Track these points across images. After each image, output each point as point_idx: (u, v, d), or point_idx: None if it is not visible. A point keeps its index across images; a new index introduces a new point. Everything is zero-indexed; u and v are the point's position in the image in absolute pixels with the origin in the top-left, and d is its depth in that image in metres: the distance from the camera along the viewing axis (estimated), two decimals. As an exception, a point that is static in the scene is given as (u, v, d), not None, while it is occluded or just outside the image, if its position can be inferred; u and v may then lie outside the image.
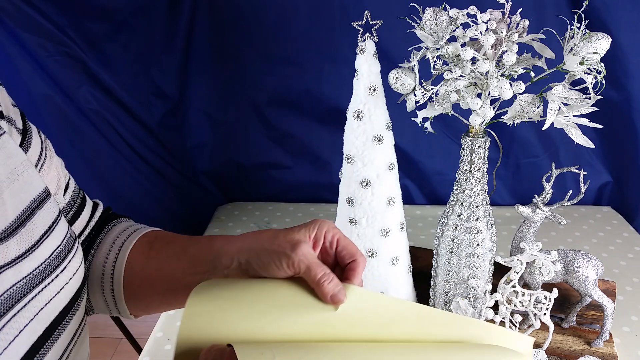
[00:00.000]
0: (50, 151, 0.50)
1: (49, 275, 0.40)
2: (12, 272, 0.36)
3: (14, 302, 0.36)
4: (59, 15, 1.07)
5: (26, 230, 0.38)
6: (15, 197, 0.38)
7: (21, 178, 0.39)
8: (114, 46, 1.13)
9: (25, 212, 0.39)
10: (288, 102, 1.23)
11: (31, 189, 0.40)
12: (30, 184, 0.40)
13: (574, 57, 0.62)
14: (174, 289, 0.50)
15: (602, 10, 0.99)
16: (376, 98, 0.74)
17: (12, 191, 0.38)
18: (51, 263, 0.40)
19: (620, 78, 1.07)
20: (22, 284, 0.37)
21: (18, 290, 0.37)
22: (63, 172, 0.53)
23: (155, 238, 0.55)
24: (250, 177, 1.37)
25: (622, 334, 0.86)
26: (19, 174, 0.39)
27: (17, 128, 0.44)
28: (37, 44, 1.08)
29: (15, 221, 0.38)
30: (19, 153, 0.41)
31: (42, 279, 0.39)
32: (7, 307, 0.36)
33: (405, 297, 0.87)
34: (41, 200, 0.41)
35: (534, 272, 0.82)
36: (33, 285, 0.38)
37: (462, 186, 0.76)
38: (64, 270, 0.42)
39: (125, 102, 1.19)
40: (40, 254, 0.39)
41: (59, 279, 0.41)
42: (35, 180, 0.41)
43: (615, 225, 1.21)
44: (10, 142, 0.40)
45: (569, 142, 0.69)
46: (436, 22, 0.66)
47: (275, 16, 1.11)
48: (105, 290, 0.53)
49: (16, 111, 0.46)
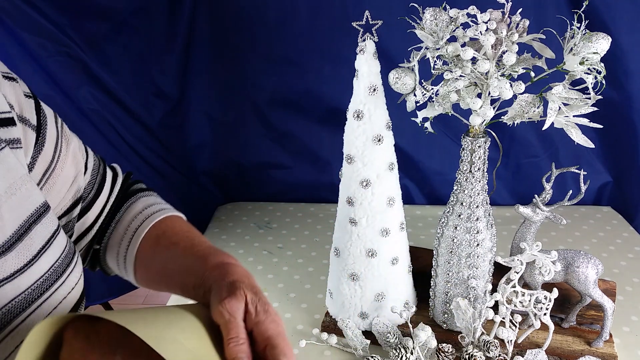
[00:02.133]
0: (66, 138, 0.50)
1: (47, 289, 0.40)
2: (10, 286, 0.36)
3: (13, 317, 0.36)
4: (59, 15, 1.07)
5: (24, 245, 0.38)
6: (13, 212, 0.38)
7: (19, 192, 0.39)
8: (114, 46, 1.13)
9: (23, 227, 0.39)
10: (288, 102, 1.23)
11: (29, 203, 0.40)
12: (28, 198, 0.40)
13: (574, 57, 0.62)
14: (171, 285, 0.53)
15: (602, 10, 0.99)
16: (376, 98, 0.74)
17: (10, 205, 0.38)
18: (50, 277, 0.40)
19: (620, 78, 1.07)
20: (21, 298, 0.37)
21: (17, 305, 0.37)
22: (80, 150, 0.54)
23: (164, 233, 0.57)
24: (250, 177, 1.37)
25: (622, 334, 0.86)
26: (17, 188, 0.39)
27: (31, 125, 0.44)
28: (37, 44, 1.08)
29: (13, 236, 0.37)
30: (18, 167, 0.41)
31: (40, 293, 0.39)
32: (6, 322, 0.36)
33: (405, 297, 0.88)
34: (39, 214, 0.41)
35: (534, 272, 0.82)
36: (32, 300, 0.38)
37: (462, 186, 0.76)
38: (62, 284, 0.41)
39: (125, 102, 1.19)
40: (38, 268, 0.39)
41: (58, 292, 0.41)
42: (33, 194, 0.41)
43: (615, 225, 1.21)
44: (10, 157, 0.40)
45: (569, 142, 0.69)
46: (436, 22, 0.66)
47: (276, 16, 1.11)
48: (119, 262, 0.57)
49: (30, 103, 0.46)
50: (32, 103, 0.46)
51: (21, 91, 0.46)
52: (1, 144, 0.39)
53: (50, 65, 1.11)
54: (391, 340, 0.81)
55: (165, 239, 0.56)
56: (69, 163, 0.51)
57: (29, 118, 0.44)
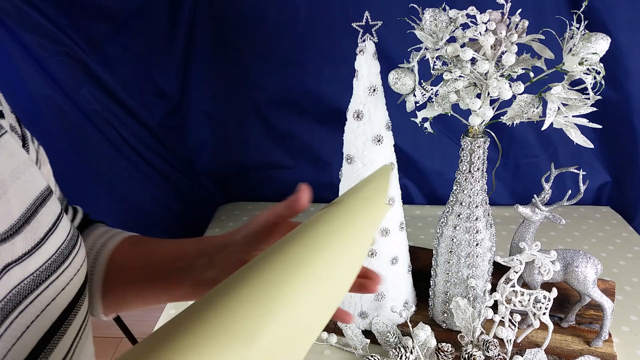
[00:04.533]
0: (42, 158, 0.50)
1: (55, 271, 0.40)
2: (19, 268, 0.37)
3: (22, 298, 0.37)
4: (59, 16, 1.07)
5: (31, 228, 0.39)
6: (19, 195, 0.39)
7: (23, 176, 0.40)
8: (114, 46, 1.13)
9: (29, 210, 0.39)
10: (288, 102, 1.23)
11: (34, 187, 0.41)
12: (32, 182, 0.41)
13: (573, 57, 0.63)
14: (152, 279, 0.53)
15: (602, 10, 1.00)
16: (376, 98, 0.74)
17: (16, 189, 0.38)
18: (57, 259, 0.41)
19: (620, 78, 1.07)
20: (30, 280, 0.38)
21: (25, 286, 0.37)
22: (50, 178, 0.53)
23: (141, 239, 0.58)
24: (250, 177, 1.37)
25: (621, 334, 0.86)
26: (21, 172, 0.40)
27: (17, 133, 0.45)
28: (38, 45, 1.08)
29: (21, 219, 0.38)
30: (21, 152, 0.41)
31: (48, 275, 0.40)
32: (15, 304, 0.36)
33: (405, 296, 0.88)
34: (44, 198, 0.42)
35: (533, 272, 0.82)
36: (40, 282, 0.39)
37: (462, 186, 0.76)
38: (68, 266, 0.42)
39: (125, 102, 1.20)
40: (46, 250, 0.40)
41: (65, 274, 0.42)
42: (37, 178, 0.42)
43: (615, 225, 1.21)
44: (11, 141, 0.40)
45: (568, 142, 0.69)
46: (436, 22, 0.66)
47: (276, 16, 1.11)
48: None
49: (13, 117, 0.47)
50: (15, 118, 0.47)
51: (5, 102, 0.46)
52: (2, 130, 0.40)
53: (50, 65, 1.11)
54: (391, 339, 0.82)
55: (143, 241, 0.57)
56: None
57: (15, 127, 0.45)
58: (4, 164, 0.38)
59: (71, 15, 1.08)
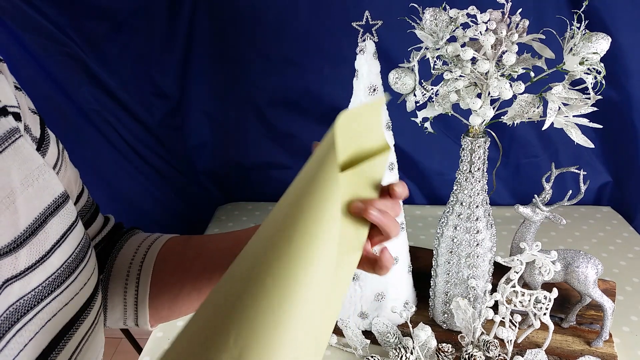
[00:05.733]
0: (65, 162, 0.49)
1: (58, 286, 0.38)
2: (19, 284, 0.35)
3: (20, 316, 0.35)
4: (59, 15, 1.07)
5: (38, 240, 0.37)
6: (29, 204, 0.36)
7: (36, 183, 0.38)
8: (114, 46, 1.13)
9: (38, 220, 0.37)
10: (288, 102, 1.23)
11: (47, 194, 0.39)
12: (46, 188, 0.39)
13: (573, 57, 0.62)
14: (210, 269, 0.51)
15: (602, 10, 0.99)
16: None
17: (26, 197, 0.36)
18: (62, 274, 0.39)
19: (620, 78, 1.07)
20: (30, 297, 0.35)
21: (24, 303, 0.35)
22: (76, 184, 0.52)
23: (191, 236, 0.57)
24: (250, 177, 1.37)
25: (621, 334, 0.86)
26: (34, 179, 0.38)
27: (32, 136, 0.43)
28: (38, 44, 1.08)
29: (27, 230, 0.36)
30: (36, 157, 0.39)
31: (51, 291, 0.37)
32: (13, 322, 0.34)
33: (405, 296, 0.88)
34: (57, 205, 0.39)
35: (534, 272, 0.82)
36: (41, 298, 0.36)
37: (462, 186, 0.76)
38: (74, 280, 0.40)
39: (125, 102, 1.19)
40: (51, 263, 0.37)
41: (69, 289, 0.39)
42: (52, 185, 0.40)
43: (615, 225, 1.21)
44: (26, 146, 0.38)
45: (568, 142, 0.69)
46: (436, 22, 0.66)
47: (276, 16, 1.11)
48: (128, 290, 0.53)
49: (35, 118, 0.44)
50: (37, 119, 0.45)
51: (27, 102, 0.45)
52: (16, 134, 0.38)
53: (50, 65, 1.11)
54: (391, 340, 0.81)
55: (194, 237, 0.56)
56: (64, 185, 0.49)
57: (33, 130, 0.43)
58: (16, 171, 0.36)
59: (71, 15, 1.08)
